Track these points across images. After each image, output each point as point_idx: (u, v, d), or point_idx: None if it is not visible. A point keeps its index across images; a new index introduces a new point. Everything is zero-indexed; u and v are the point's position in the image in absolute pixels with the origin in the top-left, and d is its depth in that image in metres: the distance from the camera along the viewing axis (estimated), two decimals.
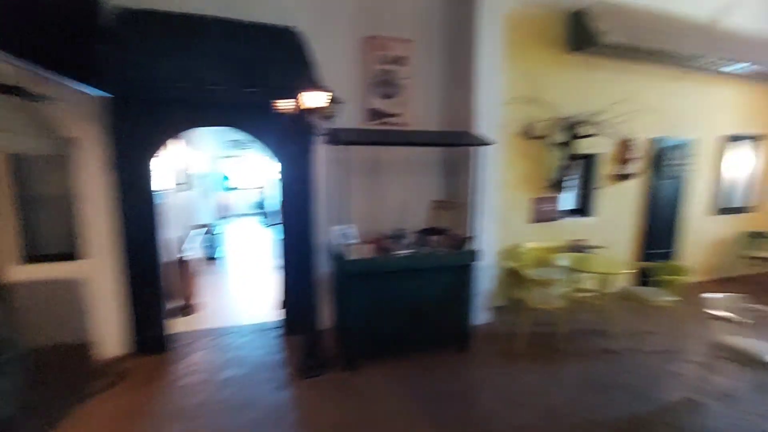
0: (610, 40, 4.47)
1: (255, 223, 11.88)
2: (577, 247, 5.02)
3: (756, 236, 6.34)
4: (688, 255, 6.11)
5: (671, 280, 4.01)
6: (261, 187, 11.39)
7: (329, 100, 2.98)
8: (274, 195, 6.62)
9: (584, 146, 4.93)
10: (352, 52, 3.97)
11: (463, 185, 4.23)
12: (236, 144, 11.38)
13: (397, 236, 3.82)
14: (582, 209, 5.48)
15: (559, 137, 4.88)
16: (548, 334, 4.22)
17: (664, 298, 4.00)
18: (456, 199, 4.28)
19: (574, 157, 4.89)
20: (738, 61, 5.33)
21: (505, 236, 4.79)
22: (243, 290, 5.77)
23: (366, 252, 3.43)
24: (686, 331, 4.28)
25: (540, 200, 4.99)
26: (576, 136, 4.80)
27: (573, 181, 5.24)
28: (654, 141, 5.53)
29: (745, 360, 2.89)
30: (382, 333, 3.57)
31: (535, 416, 2.97)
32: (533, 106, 4.70)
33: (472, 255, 3.70)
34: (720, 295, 3.20)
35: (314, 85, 2.92)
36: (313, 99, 2.87)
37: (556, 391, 3.28)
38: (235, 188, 13.07)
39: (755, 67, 5.53)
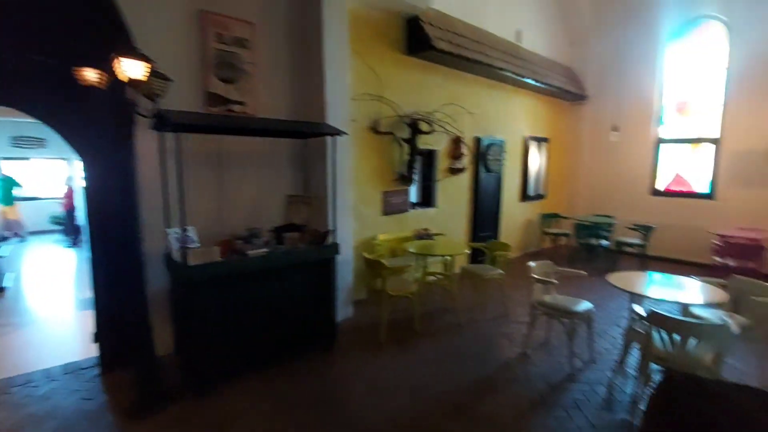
0: (440, 46, 4.96)
1: (58, 240, 9.44)
2: (423, 235, 5.44)
3: (548, 217, 7.99)
4: (506, 235, 7.30)
5: (499, 255, 4.68)
6: (63, 197, 9.09)
7: (151, 73, 2.45)
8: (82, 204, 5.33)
9: (424, 142, 5.39)
10: (184, 25, 3.41)
11: (318, 179, 4.11)
12: (25, 141, 8.90)
13: (250, 236, 3.46)
14: (425, 201, 5.99)
15: (403, 133, 5.21)
16: (407, 318, 4.45)
17: (495, 272, 4.63)
18: (312, 194, 4.13)
19: (417, 153, 5.29)
20: (531, 77, 6.59)
21: (360, 229, 4.86)
22: (42, 326, 4.45)
23: (212, 256, 2.99)
24: (513, 297, 5.07)
25: (390, 193, 5.24)
26: (417, 133, 5.20)
27: (417, 175, 5.67)
28: (477, 139, 6.41)
29: (557, 313, 3.54)
30: (238, 346, 3.17)
31: (403, 398, 3.05)
32: (379, 102, 4.89)
33: (332, 249, 3.60)
34: (536, 263, 3.85)
35: (131, 52, 2.36)
36: (131, 68, 2.31)
37: (418, 370, 3.44)
38: (31, 198, 10.22)
39: (540, 85, 6.94)
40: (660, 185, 7.90)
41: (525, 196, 7.74)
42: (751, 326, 3.04)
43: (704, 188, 7.38)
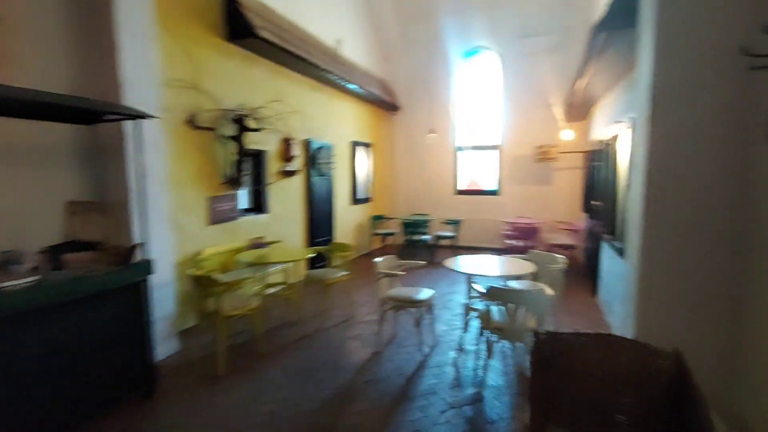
0: (263, 35, 4.57)
1: None
2: (257, 245, 4.90)
3: (376, 218, 8.42)
4: (340, 239, 7.33)
5: (341, 257, 4.58)
6: None
7: None
8: None
9: (252, 142, 4.88)
10: None
11: (117, 180, 3.17)
12: None
13: (7, 261, 2.37)
14: (257, 207, 5.45)
15: (228, 130, 4.60)
16: (249, 340, 3.88)
17: (339, 274, 4.50)
18: (107, 200, 3.16)
19: (246, 153, 4.74)
20: (352, 83, 6.81)
21: (183, 243, 4.03)
22: None
23: None
24: (357, 298, 5.03)
25: (217, 199, 4.53)
26: (244, 130, 4.66)
27: (247, 178, 5.10)
28: (307, 142, 6.23)
29: (406, 304, 3.61)
30: (14, 413, 2.10)
31: None
32: (196, 92, 4.17)
33: (142, 269, 2.80)
34: (381, 259, 3.87)
35: None
36: None
37: (268, 397, 2.98)
38: None
39: (362, 91, 7.27)
40: (461, 186, 9.31)
41: (355, 200, 7.96)
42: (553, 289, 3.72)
43: (492, 186, 9.05)
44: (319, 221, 6.58)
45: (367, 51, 8.36)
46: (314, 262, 5.97)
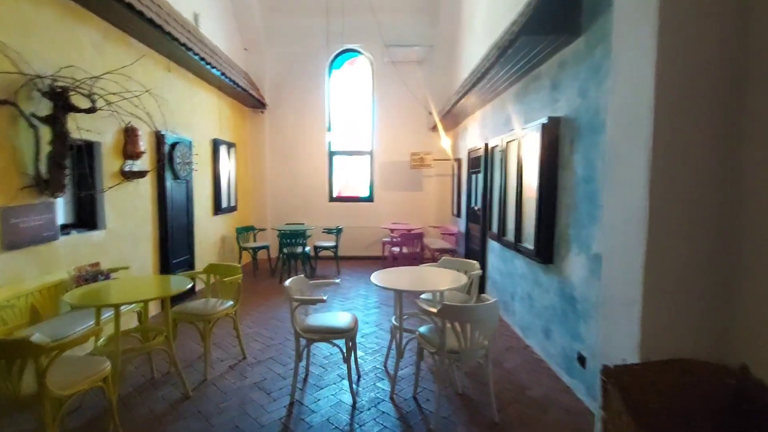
0: None
1: None
2: (90, 276, 3.44)
3: (244, 230, 7.23)
4: (202, 257, 5.98)
5: (228, 283, 3.53)
6: None
7: None
8: None
9: (80, 128, 3.41)
10: None
11: None
12: None
13: None
14: (87, 220, 3.88)
15: (40, 108, 3.07)
16: (96, 418, 2.57)
17: (225, 306, 3.46)
18: None
19: (68, 144, 3.25)
20: (214, 67, 5.62)
21: None
22: None
23: None
24: (245, 330, 4.00)
25: (17, 211, 2.95)
26: (66, 110, 3.19)
27: (69, 181, 3.55)
28: (161, 136, 4.81)
29: (327, 335, 2.91)
30: None
31: None
32: None
33: None
34: (291, 281, 3.06)
35: None
36: None
37: None
38: None
39: (226, 80, 6.11)
40: (335, 192, 8.83)
41: (218, 209, 6.64)
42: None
43: (365, 193, 8.83)
44: (175, 237, 5.17)
45: (227, 37, 7.15)
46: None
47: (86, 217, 3.88)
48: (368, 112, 8.68)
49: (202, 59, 5.19)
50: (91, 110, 3.31)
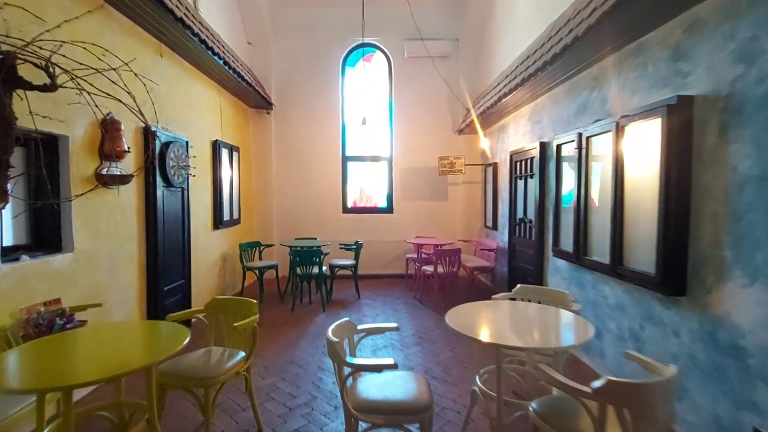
0: None
1: None
2: (43, 320, 2.44)
3: (248, 247, 6.24)
4: (199, 280, 4.99)
5: (239, 327, 2.54)
6: None
7: None
8: None
9: (36, 113, 2.45)
10: None
11: None
12: None
13: None
14: (44, 240, 2.89)
15: None
16: None
17: (232, 362, 2.46)
18: None
19: (11, 134, 2.28)
20: (216, 53, 4.70)
21: None
22: None
23: None
24: (257, 385, 2.98)
25: None
26: (12, 84, 2.24)
27: (17, 186, 2.59)
28: (150, 133, 3.86)
29: (396, 418, 1.91)
30: None
31: None
32: None
33: None
34: (334, 329, 2.08)
35: None
36: None
37: None
38: None
39: (229, 71, 5.19)
40: (349, 202, 7.87)
41: (219, 222, 5.66)
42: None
43: (383, 203, 7.88)
44: (167, 258, 4.18)
45: (230, 28, 6.26)
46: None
47: (45, 235, 2.89)
48: (386, 113, 7.78)
49: (203, 42, 4.27)
50: (47, 88, 2.34)
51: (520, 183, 5.37)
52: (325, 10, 7.29)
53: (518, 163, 5.43)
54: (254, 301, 2.65)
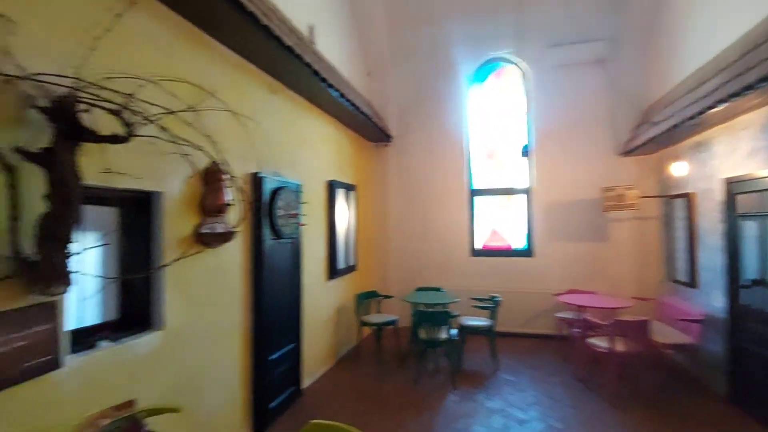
0: None
1: None
2: None
3: (365, 298, 5.51)
4: (311, 340, 4.36)
5: None
6: None
7: None
8: None
9: (114, 167, 1.99)
10: None
11: None
12: None
13: None
14: (128, 317, 2.44)
15: (22, 134, 1.71)
16: None
17: None
18: None
19: (75, 197, 1.81)
20: (331, 85, 4.17)
21: None
22: None
23: None
24: None
25: None
26: (79, 137, 1.78)
27: (91, 256, 2.15)
28: (257, 178, 3.38)
29: None
30: None
31: None
32: None
33: None
34: None
35: None
36: None
37: None
38: None
39: (345, 102, 4.65)
40: (478, 243, 6.70)
41: (334, 272, 5.06)
42: None
43: (521, 243, 6.50)
44: (275, 322, 3.59)
45: (347, 61, 5.84)
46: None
47: (131, 311, 2.44)
48: (523, 136, 6.53)
49: (316, 73, 3.74)
50: (118, 139, 1.84)
51: (750, 225, 3.58)
52: (447, 27, 6.49)
53: (743, 196, 3.66)
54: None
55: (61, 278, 1.76)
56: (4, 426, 1.65)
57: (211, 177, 2.83)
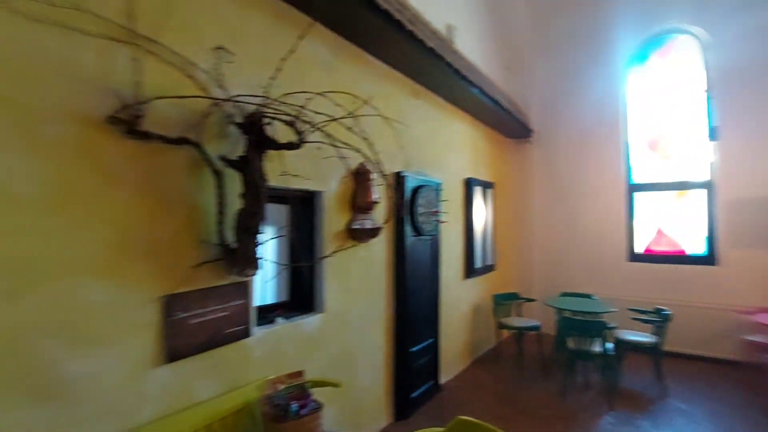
0: None
1: None
2: (281, 400, 2.17)
3: (503, 299, 5.28)
4: (448, 337, 4.38)
5: None
6: None
7: None
8: None
9: (285, 171, 2.33)
10: None
11: None
12: None
13: None
14: (298, 302, 2.81)
15: (225, 145, 2.13)
16: None
17: None
18: None
19: (261, 197, 2.16)
20: (471, 82, 4.11)
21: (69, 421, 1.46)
22: None
23: None
24: None
25: (186, 300, 1.97)
26: (264, 146, 2.13)
27: (270, 246, 2.54)
28: (400, 178, 3.56)
29: None
30: None
31: None
32: (140, 50, 1.77)
33: None
34: None
35: None
36: None
37: None
38: None
39: (487, 100, 4.54)
40: (639, 246, 5.80)
41: (471, 270, 4.99)
42: None
43: (699, 248, 5.39)
44: (415, 313, 3.72)
45: (485, 57, 5.67)
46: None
47: (299, 294, 2.82)
48: (701, 119, 5.41)
49: (456, 71, 3.75)
50: (293, 145, 2.15)
51: None
52: (604, 3, 5.77)
53: None
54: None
55: (252, 263, 2.13)
56: (216, 374, 2.08)
57: (361, 177, 3.08)
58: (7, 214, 1.39)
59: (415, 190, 3.70)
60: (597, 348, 3.94)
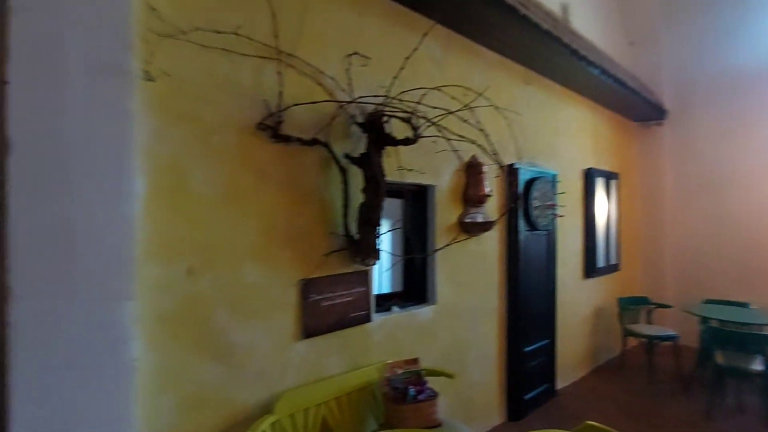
0: None
1: None
2: (398, 383, 2.29)
3: (631, 303, 4.74)
4: (565, 340, 4.10)
5: None
6: None
7: None
8: None
9: (400, 166, 2.43)
10: None
11: None
12: None
13: None
14: (412, 293, 2.91)
15: (348, 144, 2.31)
16: None
17: None
18: None
19: (381, 191, 2.28)
20: (591, 62, 3.76)
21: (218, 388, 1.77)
22: None
23: None
24: None
25: (319, 285, 2.20)
26: (382, 143, 2.26)
27: (386, 238, 2.68)
28: (513, 170, 3.45)
29: None
30: None
31: None
32: (282, 64, 2.02)
33: None
34: None
35: None
36: None
37: None
38: None
39: (608, 80, 4.12)
40: None
41: (592, 269, 4.59)
42: None
43: None
44: (529, 312, 3.57)
45: (605, 33, 5.13)
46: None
47: (413, 286, 2.92)
48: None
49: (574, 52, 3.48)
50: (409, 141, 2.24)
51: None
52: None
53: None
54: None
55: (373, 253, 2.29)
56: (343, 353, 2.29)
57: (472, 170, 3.06)
58: (192, 209, 1.72)
59: (529, 183, 3.54)
60: (757, 366, 3.32)
